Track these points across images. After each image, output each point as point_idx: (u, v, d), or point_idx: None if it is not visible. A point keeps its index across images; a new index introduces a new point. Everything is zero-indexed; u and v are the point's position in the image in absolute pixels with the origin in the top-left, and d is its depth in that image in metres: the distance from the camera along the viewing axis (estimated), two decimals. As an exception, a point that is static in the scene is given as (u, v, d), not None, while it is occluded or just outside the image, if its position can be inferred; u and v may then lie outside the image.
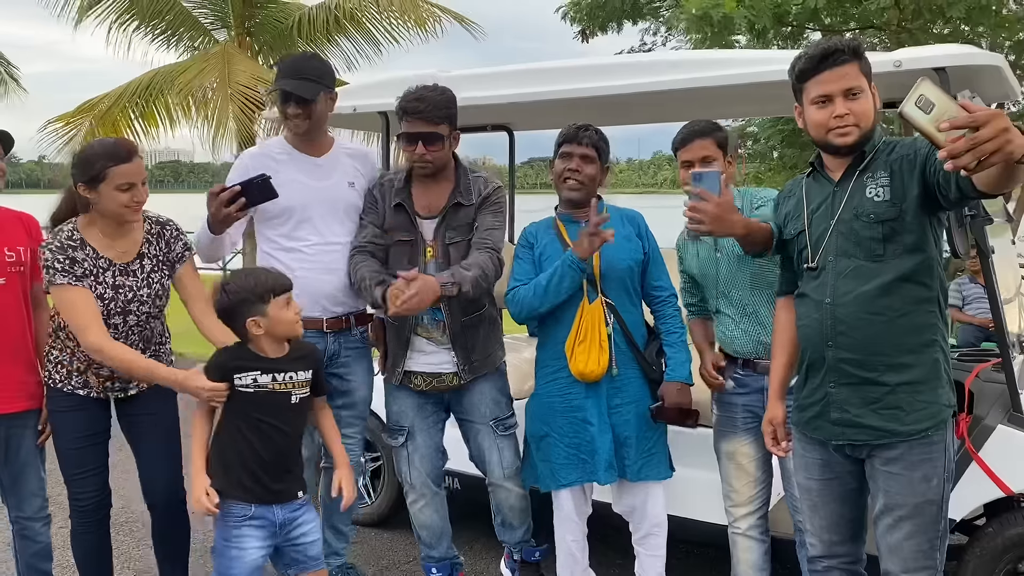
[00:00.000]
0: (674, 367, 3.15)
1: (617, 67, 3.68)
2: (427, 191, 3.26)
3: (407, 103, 3.10)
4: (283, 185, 3.16)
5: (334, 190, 3.32)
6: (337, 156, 3.39)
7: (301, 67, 3.28)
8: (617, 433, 3.12)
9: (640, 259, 3.19)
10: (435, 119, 3.10)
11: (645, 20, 13.10)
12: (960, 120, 1.76)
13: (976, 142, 1.74)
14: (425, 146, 3.11)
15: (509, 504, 3.41)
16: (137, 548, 4.23)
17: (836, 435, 2.44)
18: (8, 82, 14.37)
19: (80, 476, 3.07)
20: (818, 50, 2.34)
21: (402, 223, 3.23)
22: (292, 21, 12.32)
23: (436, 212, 3.23)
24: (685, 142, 3.00)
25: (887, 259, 2.32)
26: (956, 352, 3.82)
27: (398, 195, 3.25)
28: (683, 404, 3.10)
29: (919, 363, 2.33)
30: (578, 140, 3.13)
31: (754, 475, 3.08)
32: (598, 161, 3.16)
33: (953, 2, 8.64)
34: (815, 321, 2.44)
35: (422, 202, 3.25)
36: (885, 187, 2.32)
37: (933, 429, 2.33)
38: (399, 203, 3.24)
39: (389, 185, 3.31)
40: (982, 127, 1.74)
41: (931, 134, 1.83)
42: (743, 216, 2.61)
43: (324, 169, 3.34)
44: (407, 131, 3.12)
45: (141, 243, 3.05)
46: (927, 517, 2.35)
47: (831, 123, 2.32)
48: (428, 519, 3.44)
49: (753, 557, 3.12)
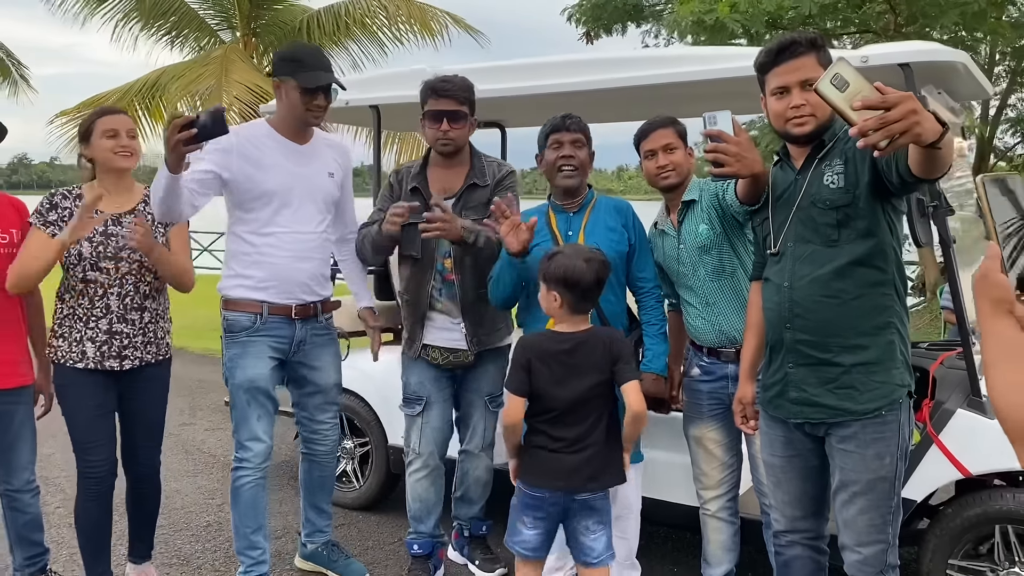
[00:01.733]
0: (649, 358, 3.24)
1: (610, 62, 3.74)
2: (443, 174, 3.43)
3: (435, 83, 3.30)
4: (267, 168, 3.25)
5: (315, 178, 3.37)
6: (318, 145, 3.43)
7: (324, 61, 3.35)
8: None
9: (624, 250, 3.25)
10: (460, 99, 3.30)
11: (647, 22, 13.18)
12: (872, 99, 1.85)
13: (886, 121, 1.83)
14: (450, 123, 3.29)
15: (476, 476, 3.65)
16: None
17: (795, 414, 2.53)
18: (19, 82, 14.55)
19: (92, 445, 3.23)
20: (775, 43, 2.45)
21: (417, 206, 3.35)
22: (299, 23, 12.45)
23: (452, 194, 3.39)
24: (646, 133, 3.13)
25: (841, 244, 2.40)
26: (926, 343, 3.92)
27: (414, 179, 3.42)
28: (655, 394, 3.20)
29: (874, 344, 2.42)
30: (566, 127, 3.22)
31: (722, 459, 3.18)
32: (587, 146, 3.26)
33: (945, 10, 8.70)
34: (775, 304, 2.54)
35: (439, 185, 3.42)
36: (840, 174, 2.40)
37: (887, 408, 2.41)
38: (415, 187, 3.41)
39: (406, 172, 3.50)
40: (892, 108, 1.83)
41: (844, 112, 1.92)
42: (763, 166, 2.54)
43: (306, 156, 3.37)
44: (433, 109, 3.30)
45: (139, 202, 3.29)
46: (880, 493, 2.43)
47: (788, 113, 2.42)
48: (424, 491, 3.55)
49: (722, 538, 3.22)
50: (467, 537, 3.83)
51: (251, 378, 3.29)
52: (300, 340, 3.40)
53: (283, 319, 3.33)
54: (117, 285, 3.19)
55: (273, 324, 3.31)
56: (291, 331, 3.36)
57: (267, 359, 3.32)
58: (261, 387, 3.31)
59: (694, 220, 3.10)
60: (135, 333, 3.24)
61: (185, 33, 12.84)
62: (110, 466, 3.30)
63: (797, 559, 2.71)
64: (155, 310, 3.31)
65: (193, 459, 5.52)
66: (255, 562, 3.40)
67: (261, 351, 3.31)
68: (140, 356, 3.26)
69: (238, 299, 3.31)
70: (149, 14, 12.22)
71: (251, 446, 3.33)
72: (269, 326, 3.30)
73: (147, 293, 3.27)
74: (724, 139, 2.38)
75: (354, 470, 4.56)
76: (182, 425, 6.38)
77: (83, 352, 3.18)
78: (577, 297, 2.78)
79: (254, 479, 3.34)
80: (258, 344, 3.30)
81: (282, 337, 3.34)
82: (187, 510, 4.59)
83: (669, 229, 3.20)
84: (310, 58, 3.32)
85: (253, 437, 3.33)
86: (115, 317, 3.20)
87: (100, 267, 3.15)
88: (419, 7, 12.17)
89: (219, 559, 3.95)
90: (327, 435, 3.59)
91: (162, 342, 3.34)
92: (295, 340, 3.38)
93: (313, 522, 3.68)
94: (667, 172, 3.11)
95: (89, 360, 3.18)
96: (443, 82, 3.30)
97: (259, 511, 3.38)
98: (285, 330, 3.34)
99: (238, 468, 3.35)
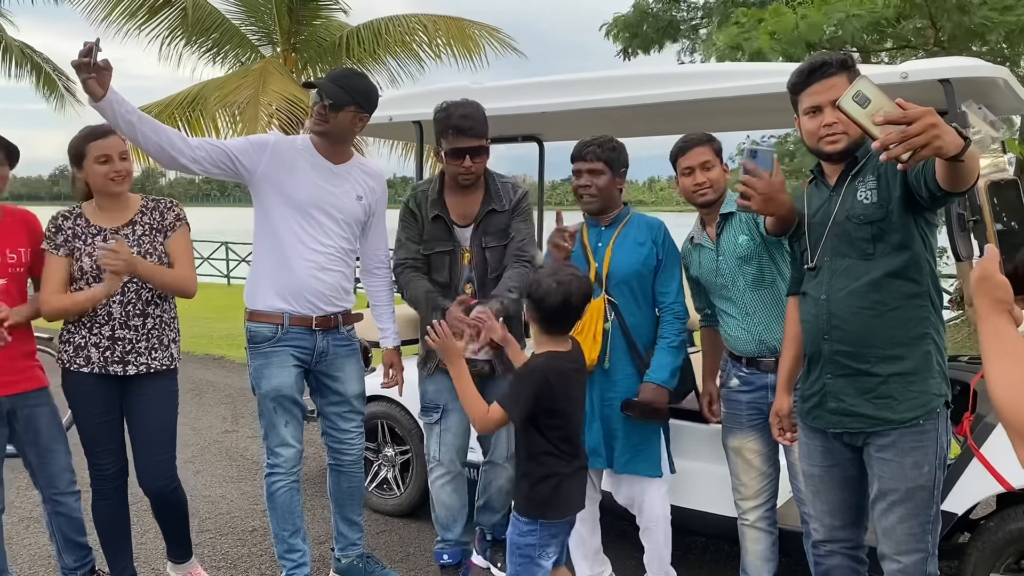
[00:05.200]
0: (653, 368, 3.29)
1: (644, 78, 3.79)
2: (462, 200, 3.47)
3: (459, 121, 3.29)
4: (295, 176, 3.33)
5: (342, 198, 3.40)
6: (352, 169, 3.47)
7: (345, 77, 3.39)
8: (607, 425, 3.33)
9: (652, 264, 3.33)
10: (481, 134, 3.33)
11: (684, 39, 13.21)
12: (893, 115, 1.92)
13: (907, 135, 1.90)
14: (472, 159, 3.32)
15: (498, 485, 3.63)
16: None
17: (833, 423, 2.58)
18: (65, 96, 14.89)
19: (100, 450, 3.36)
20: (807, 64, 2.53)
21: (441, 233, 3.45)
22: (339, 39, 12.64)
23: (471, 220, 3.45)
24: (684, 150, 3.18)
25: (876, 257, 2.46)
26: (967, 356, 3.91)
27: (435, 206, 3.45)
28: (653, 403, 3.25)
29: (910, 355, 2.46)
30: (583, 157, 3.32)
31: (761, 469, 3.20)
32: (609, 171, 3.32)
33: (992, 27, 8.62)
34: (813, 317, 2.60)
35: (457, 211, 3.46)
36: (873, 190, 2.47)
37: (924, 417, 2.45)
38: (437, 215, 3.44)
39: (423, 197, 3.49)
40: (913, 122, 1.90)
41: (867, 127, 1.98)
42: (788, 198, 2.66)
43: (338, 177, 3.42)
44: (456, 147, 3.31)
45: (135, 213, 3.37)
46: (918, 502, 2.46)
47: (821, 132, 2.50)
48: (448, 497, 3.57)
49: (761, 548, 3.24)
50: (489, 541, 3.87)
51: (276, 387, 3.37)
52: (322, 351, 3.45)
53: (304, 330, 3.39)
54: (119, 293, 3.25)
55: (294, 335, 3.37)
56: (312, 341, 3.42)
57: (291, 367, 3.39)
58: (287, 395, 3.38)
59: (733, 231, 3.15)
60: (138, 339, 3.30)
61: (227, 49, 13.09)
62: (119, 467, 3.41)
63: (837, 568, 2.74)
64: (159, 316, 3.37)
65: (237, 465, 5.63)
66: (296, 564, 3.49)
67: (284, 360, 3.38)
68: (145, 362, 3.31)
69: (260, 310, 3.38)
70: (193, 31, 12.48)
71: (281, 452, 3.41)
72: (291, 336, 3.37)
73: (149, 300, 3.33)
74: (758, 175, 2.50)
75: (395, 477, 4.64)
76: (225, 432, 6.50)
77: (88, 357, 3.27)
78: (545, 318, 2.74)
79: (287, 483, 3.42)
80: (281, 354, 3.37)
81: (304, 347, 3.41)
82: (232, 515, 4.69)
83: (707, 243, 3.25)
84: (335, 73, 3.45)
85: (282, 443, 3.41)
86: (117, 324, 3.27)
87: (102, 279, 3.19)
88: (457, 24, 12.31)
89: (265, 563, 4.04)
90: (353, 443, 3.63)
91: (167, 350, 3.38)
92: (316, 351, 3.44)
93: (345, 535, 3.70)
94: (704, 189, 3.17)
95: (94, 365, 3.27)
96: (464, 119, 3.30)
97: (295, 515, 3.46)
98: (307, 340, 3.40)
99: (271, 474, 3.43)
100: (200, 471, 5.48)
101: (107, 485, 3.41)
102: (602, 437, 3.35)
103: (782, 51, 8.63)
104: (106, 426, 3.35)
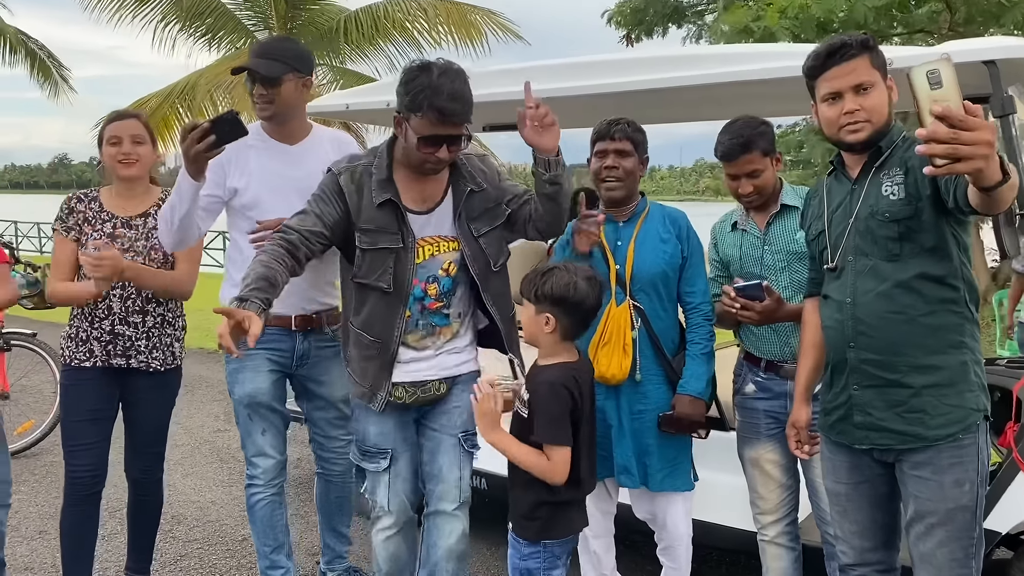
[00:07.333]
0: (687, 379, 3.01)
1: (656, 61, 3.57)
2: (417, 181, 2.74)
3: (445, 104, 2.52)
4: (253, 174, 3.08)
5: (307, 180, 2.90)
6: (313, 145, 3.20)
7: (272, 48, 3.14)
8: (639, 440, 3.03)
9: (677, 263, 3.05)
10: (466, 120, 2.62)
11: (689, 23, 13.00)
12: (954, 113, 1.70)
13: (956, 140, 1.70)
14: (449, 148, 2.62)
15: (449, 545, 2.78)
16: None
17: (860, 439, 2.37)
18: (59, 83, 14.71)
19: (76, 449, 3.24)
20: (825, 46, 2.30)
21: (389, 223, 2.68)
22: (336, 23, 12.45)
23: (432, 204, 2.76)
24: (729, 157, 2.91)
25: (904, 258, 2.26)
26: (1005, 359, 3.69)
27: (384, 189, 2.68)
28: (692, 417, 3.00)
29: (945, 365, 2.25)
30: (611, 135, 3.00)
31: (780, 481, 3.00)
32: (635, 154, 3.03)
33: (1008, 8, 8.42)
34: (837, 322, 2.38)
35: (412, 194, 2.74)
36: (900, 184, 2.25)
37: (962, 432, 2.24)
38: (388, 199, 2.68)
39: (366, 175, 2.71)
40: (970, 131, 1.70)
41: (923, 108, 1.78)
42: (787, 305, 2.83)
43: (296, 157, 3.13)
44: (434, 133, 2.56)
45: (151, 205, 3.28)
46: (960, 524, 2.25)
47: (842, 120, 2.27)
48: (396, 549, 2.89)
49: (783, 565, 3.04)
50: None
51: (250, 393, 3.14)
52: (302, 353, 3.21)
53: (282, 331, 3.13)
54: (119, 288, 3.19)
55: (271, 337, 3.04)
56: (291, 343, 3.17)
57: (266, 372, 3.14)
58: (262, 401, 3.15)
59: (790, 225, 2.92)
60: (138, 336, 3.22)
61: (221, 35, 12.91)
62: (94, 472, 3.26)
63: (869, 594, 2.52)
64: (160, 315, 3.27)
65: (228, 468, 5.41)
66: None
67: (259, 364, 3.13)
68: (146, 360, 3.24)
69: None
70: (187, 15, 12.30)
71: (258, 462, 3.19)
72: (266, 338, 2.72)
73: (149, 297, 3.24)
74: (750, 308, 2.79)
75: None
76: (217, 432, 6.29)
77: (90, 350, 3.20)
78: (577, 321, 2.52)
79: (267, 496, 3.21)
80: (255, 358, 3.09)
81: (281, 350, 3.15)
82: (222, 523, 4.48)
83: (752, 228, 3.02)
84: (256, 48, 3.19)
85: (259, 453, 3.19)
86: (117, 319, 3.20)
87: None
88: (459, 10, 12.08)
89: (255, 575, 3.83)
90: (341, 452, 3.38)
91: (168, 349, 3.30)
92: (296, 353, 3.20)
93: (332, 547, 3.51)
94: (751, 196, 2.95)
95: (96, 358, 3.19)
96: (453, 100, 2.53)
97: (276, 529, 3.25)
98: (284, 343, 3.15)
99: (249, 485, 3.23)
100: (189, 474, 5.27)
101: (79, 491, 3.25)
102: (634, 453, 3.04)
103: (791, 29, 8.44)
104: (91, 424, 3.23)
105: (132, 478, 3.42)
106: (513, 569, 2.59)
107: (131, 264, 3.09)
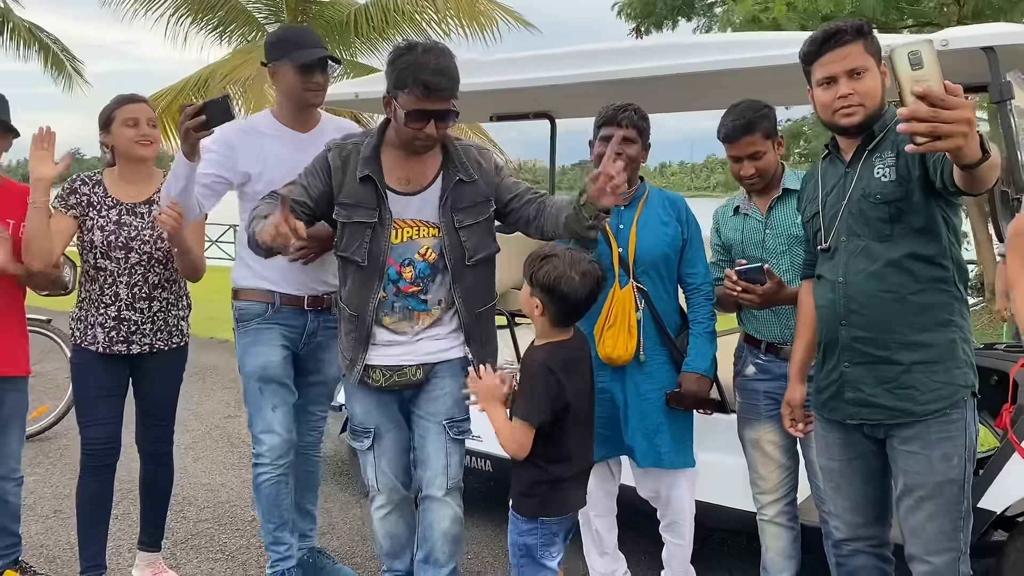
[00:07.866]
0: (692, 357, 3.08)
1: (663, 48, 3.59)
2: (408, 162, 2.78)
3: (430, 77, 2.56)
4: (268, 160, 3.15)
5: None
6: (325, 131, 3.24)
7: (315, 37, 3.22)
8: (648, 420, 3.08)
9: (678, 245, 3.12)
10: (453, 94, 2.65)
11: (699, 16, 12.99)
12: (934, 92, 1.76)
13: (936, 118, 1.75)
14: (437, 124, 2.65)
15: (443, 529, 2.86)
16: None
17: (851, 415, 2.43)
18: (73, 76, 14.75)
19: (90, 424, 3.31)
20: (821, 32, 2.36)
21: (367, 199, 2.73)
22: (346, 16, 12.46)
23: (416, 188, 2.79)
24: (731, 139, 2.96)
25: (895, 238, 2.31)
26: (1003, 344, 3.73)
27: (366, 165, 2.73)
28: (698, 393, 3.06)
29: (934, 342, 2.31)
30: (618, 122, 3.03)
31: (780, 461, 3.05)
32: (639, 141, 3.07)
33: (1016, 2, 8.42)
34: (829, 301, 2.44)
35: (399, 173, 2.78)
36: (891, 167, 2.31)
37: (950, 408, 2.30)
38: (367, 175, 2.73)
39: (355, 152, 2.78)
40: (949, 109, 1.75)
41: (904, 88, 1.82)
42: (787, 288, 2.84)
43: (308, 144, 3.13)
44: (422, 108, 2.60)
45: (156, 192, 3.29)
46: (948, 497, 2.31)
47: (835, 104, 2.33)
48: (394, 527, 3.03)
49: (782, 544, 3.09)
50: None
51: (263, 365, 3.19)
52: (312, 331, 3.30)
53: (295, 310, 3.24)
54: (126, 274, 3.24)
55: (286, 313, 3.22)
56: (303, 321, 3.26)
57: (279, 347, 3.22)
58: (274, 375, 3.21)
59: (793, 210, 2.95)
60: (143, 321, 3.28)
61: (232, 28, 12.94)
62: (107, 443, 3.33)
63: (862, 569, 2.58)
64: (166, 299, 3.34)
65: (238, 452, 5.49)
66: (281, 557, 3.33)
67: (274, 338, 3.21)
68: (149, 342, 3.31)
69: (251, 288, 3.23)
70: (198, 9, 12.35)
71: (265, 439, 3.22)
72: (282, 314, 3.21)
73: (156, 283, 3.29)
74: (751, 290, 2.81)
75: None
76: (227, 418, 6.37)
77: (95, 336, 3.26)
78: (564, 312, 2.54)
79: (273, 476, 3.24)
80: (272, 330, 3.21)
81: (294, 326, 3.25)
82: (231, 504, 4.55)
83: (754, 213, 3.07)
84: (301, 37, 3.21)
85: (267, 429, 3.22)
86: (123, 305, 3.25)
87: (110, 255, 3.21)
88: (467, 0, 12.08)
89: (263, 555, 3.88)
90: (315, 426, 3.51)
91: (175, 329, 3.37)
92: (307, 331, 3.28)
93: (297, 525, 3.49)
94: (753, 179, 2.99)
95: (99, 344, 3.26)
96: (437, 74, 2.56)
97: (281, 507, 3.29)
98: (297, 320, 3.25)
99: (256, 464, 3.27)
100: (200, 457, 5.35)
101: (94, 461, 3.33)
102: (643, 434, 3.08)
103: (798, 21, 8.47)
104: (102, 401, 3.30)
105: (144, 451, 3.50)
106: (512, 544, 2.64)
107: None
